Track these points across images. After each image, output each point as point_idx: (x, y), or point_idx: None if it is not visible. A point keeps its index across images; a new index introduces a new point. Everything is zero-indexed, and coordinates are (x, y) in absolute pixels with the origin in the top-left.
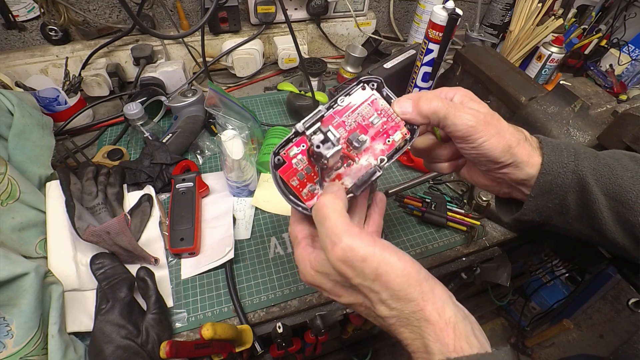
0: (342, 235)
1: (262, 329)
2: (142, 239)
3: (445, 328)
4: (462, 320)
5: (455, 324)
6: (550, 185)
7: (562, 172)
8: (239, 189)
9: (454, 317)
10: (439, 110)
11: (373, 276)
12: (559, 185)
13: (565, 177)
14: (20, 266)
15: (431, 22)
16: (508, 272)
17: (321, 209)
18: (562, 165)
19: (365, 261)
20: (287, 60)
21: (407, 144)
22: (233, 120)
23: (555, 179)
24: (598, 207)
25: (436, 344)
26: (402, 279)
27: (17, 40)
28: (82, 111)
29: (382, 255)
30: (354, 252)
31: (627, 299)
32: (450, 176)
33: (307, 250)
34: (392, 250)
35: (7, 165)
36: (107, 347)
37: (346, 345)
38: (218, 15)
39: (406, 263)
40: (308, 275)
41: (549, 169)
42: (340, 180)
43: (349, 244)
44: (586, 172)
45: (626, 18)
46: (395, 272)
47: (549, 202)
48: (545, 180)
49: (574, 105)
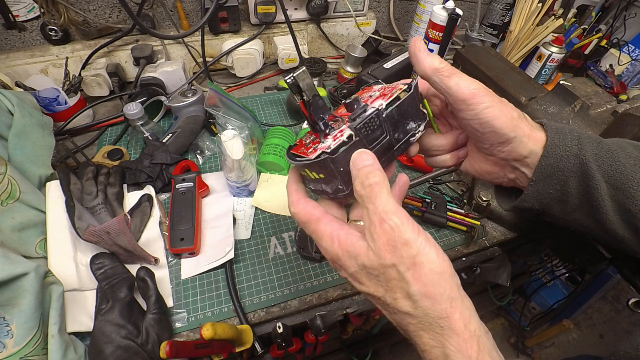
0: (392, 215)
1: (262, 329)
2: (142, 239)
3: (470, 340)
4: (485, 334)
5: (479, 336)
6: (552, 169)
7: (565, 155)
8: (239, 189)
9: (479, 329)
10: (443, 70)
11: (409, 263)
12: (561, 169)
13: (567, 161)
14: (20, 266)
15: (431, 22)
16: (508, 272)
17: (372, 187)
18: (566, 148)
19: (406, 245)
20: (287, 60)
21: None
22: (233, 120)
23: (558, 163)
24: (599, 195)
25: (458, 355)
26: (435, 275)
27: (17, 40)
28: (82, 111)
29: (422, 245)
30: (400, 233)
31: (627, 299)
32: (451, 176)
33: (333, 225)
34: (433, 244)
35: (7, 165)
36: (107, 347)
37: (346, 345)
38: (218, 15)
39: (444, 262)
40: (332, 253)
41: (551, 152)
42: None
43: (397, 223)
44: (589, 157)
45: (626, 18)
46: (430, 265)
47: (550, 187)
48: (548, 163)
49: (574, 105)
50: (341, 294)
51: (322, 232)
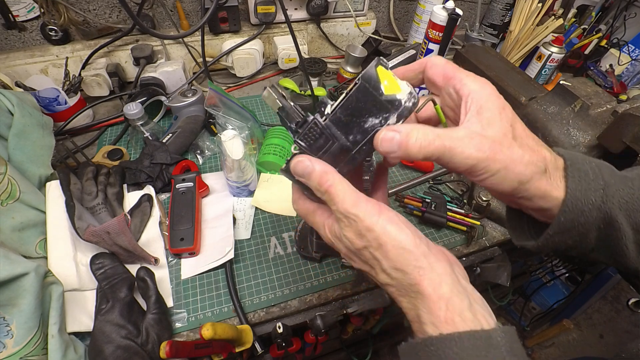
0: (351, 210)
1: (262, 329)
2: (142, 239)
3: (438, 302)
4: (458, 295)
5: (449, 299)
6: (571, 224)
7: (587, 209)
8: (239, 189)
9: (449, 292)
10: (431, 154)
11: (376, 245)
12: (582, 223)
13: (589, 214)
14: (20, 266)
15: (431, 22)
16: (508, 272)
17: (329, 192)
18: (588, 202)
19: (369, 230)
20: (287, 60)
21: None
22: (233, 120)
23: (578, 217)
24: (624, 243)
25: (428, 315)
26: (398, 250)
27: (17, 40)
28: (82, 111)
29: (383, 225)
30: (362, 222)
31: (627, 299)
32: (451, 176)
33: (323, 216)
34: (395, 221)
35: (7, 165)
36: (107, 347)
37: (346, 345)
38: (218, 15)
39: (406, 236)
40: (327, 239)
41: (572, 207)
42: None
43: (357, 215)
44: (615, 208)
45: (626, 18)
46: (392, 242)
47: (567, 239)
48: (567, 218)
49: (574, 105)
50: (341, 294)
51: (317, 222)
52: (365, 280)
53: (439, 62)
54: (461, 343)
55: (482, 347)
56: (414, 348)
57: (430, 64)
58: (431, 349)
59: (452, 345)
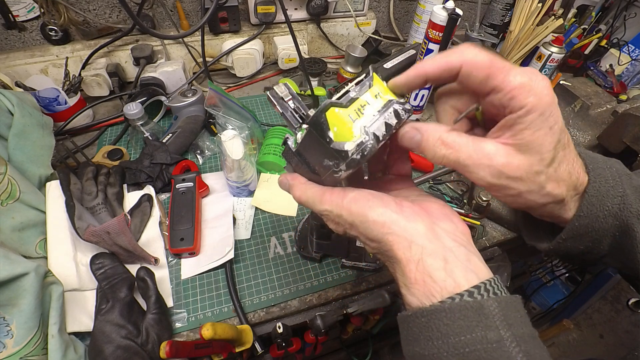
0: (324, 208)
1: (262, 329)
2: (142, 239)
3: (408, 264)
4: (430, 255)
5: (419, 260)
6: (585, 229)
7: (602, 215)
8: (239, 189)
9: (420, 253)
10: (445, 163)
11: (348, 226)
12: (596, 229)
13: (604, 221)
14: (20, 266)
15: (431, 22)
16: (508, 272)
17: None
18: (604, 208)
19: (339, 216)
20: (287, 60)
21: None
22: (233, 120)
23: (593, 223)
24: (639, 250)
25: (402, 277)
26: (365, 224)
27: (17, 40)
28: (82, 111)
29: (348, 208)
30: (334, 215)
31: (627, 299)
32: (451, 176)
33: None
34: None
35: (7, 165)
36: (107, 347)
37: (346, 345)
38: (218, 15)
39: (370, 209)
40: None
41: (587, 212)
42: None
43: (329, 210)
44: (632, 217)
45: (626, 18)
46: (358, 219)
47: (580, 244)
48: (581, 224)
49: (574, 105)
50: (341, 294)
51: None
52: (365, 280)
53: (482, 62)
54: (452, 314)
55: (472, 318)
56: (405, 320)
57: (470, 65)
58: (422, 320)
59: (442, 316)
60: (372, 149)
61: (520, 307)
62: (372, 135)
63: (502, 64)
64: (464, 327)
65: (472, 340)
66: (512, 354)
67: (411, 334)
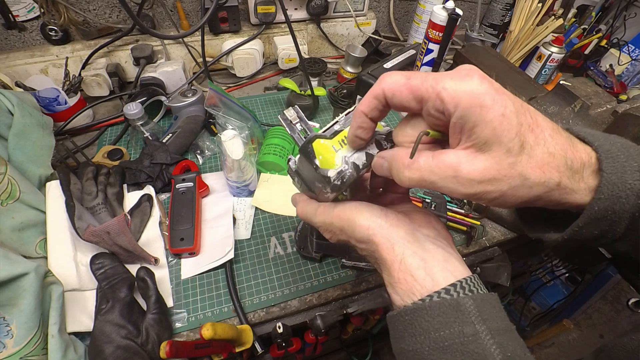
0: (319, 221)
1: (262, 329)
2: (142, 239)
3: (393, 264)
4: (411, 256)
5: (402, 259)
6: (604, 212)
7: (624, 195)
8: (239, 189)
9: (402, 253)
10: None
11: (338, 232)
12: (616, 211)
13: (626, 201)
14: (20, 266)
15: (431, 22)
16: (508, 272)
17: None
18: (625, 187)
19: (331, 224)
20: (287, 60)
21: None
22: (233, 120)
23: (613, 205)
24: None
25: (388, 277)
26: (351, 228)
27: (17, 40)
28: (82, 111)
29: (338, 214)
30: (327, 226)
31: (627, 299)
32: None
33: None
34: (346, 208)
35: (7, 165)
36: (107, 347)
37: (346, 345)
38: (218, 15)
39: (357, 214)
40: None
41: (608, 194)
42: None
43: (324, 222)
44: None
45: (626, 18)
46: (346, 224)
47: (595, 229)
48: (601, 207)
49: (574, 105)
50: (341, 294)
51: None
52: (365, 280)
53: (397, 84)
54: (431, 311)
55: (450, 314)
56: (392, 319)
57: (389, 93)
58: (406, 318)
59: (424, 314)
60: (350, 177)
61: (497, 304)
62: (351, 164)
63: (420, 75)
64: (442, 322)
65: (450, 335)
66: (487, 345)
67: (397, 331)
